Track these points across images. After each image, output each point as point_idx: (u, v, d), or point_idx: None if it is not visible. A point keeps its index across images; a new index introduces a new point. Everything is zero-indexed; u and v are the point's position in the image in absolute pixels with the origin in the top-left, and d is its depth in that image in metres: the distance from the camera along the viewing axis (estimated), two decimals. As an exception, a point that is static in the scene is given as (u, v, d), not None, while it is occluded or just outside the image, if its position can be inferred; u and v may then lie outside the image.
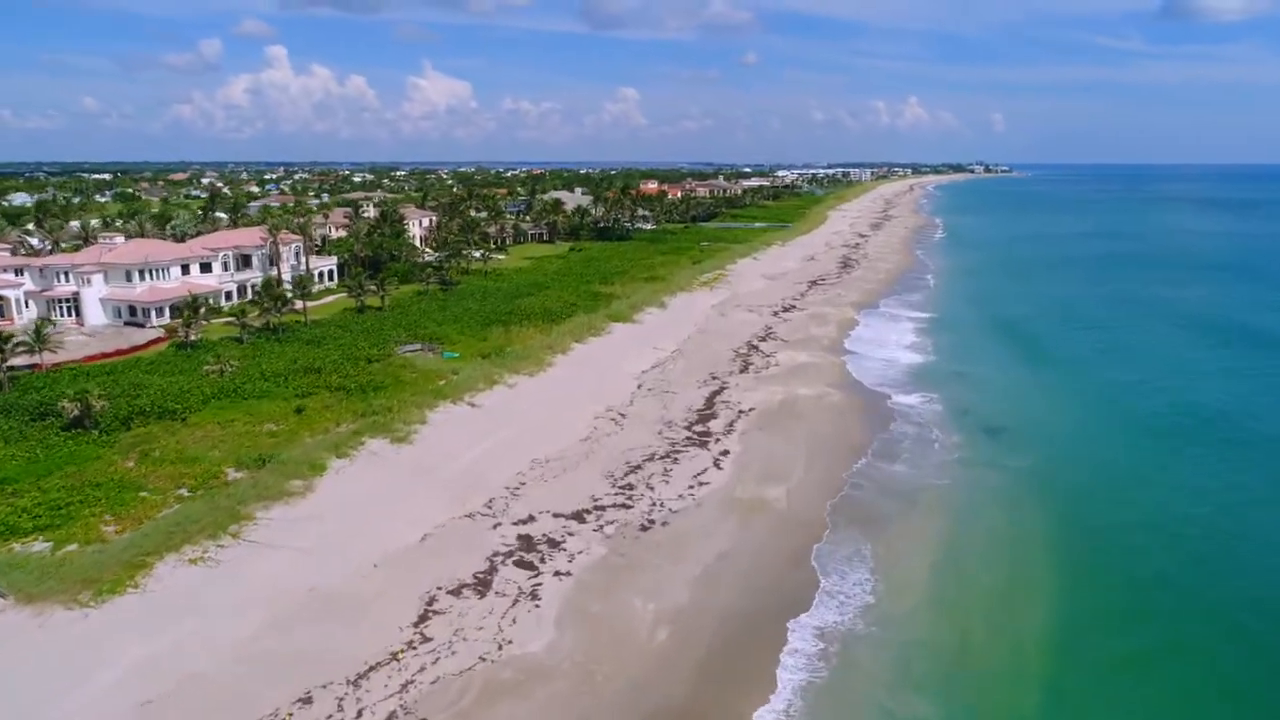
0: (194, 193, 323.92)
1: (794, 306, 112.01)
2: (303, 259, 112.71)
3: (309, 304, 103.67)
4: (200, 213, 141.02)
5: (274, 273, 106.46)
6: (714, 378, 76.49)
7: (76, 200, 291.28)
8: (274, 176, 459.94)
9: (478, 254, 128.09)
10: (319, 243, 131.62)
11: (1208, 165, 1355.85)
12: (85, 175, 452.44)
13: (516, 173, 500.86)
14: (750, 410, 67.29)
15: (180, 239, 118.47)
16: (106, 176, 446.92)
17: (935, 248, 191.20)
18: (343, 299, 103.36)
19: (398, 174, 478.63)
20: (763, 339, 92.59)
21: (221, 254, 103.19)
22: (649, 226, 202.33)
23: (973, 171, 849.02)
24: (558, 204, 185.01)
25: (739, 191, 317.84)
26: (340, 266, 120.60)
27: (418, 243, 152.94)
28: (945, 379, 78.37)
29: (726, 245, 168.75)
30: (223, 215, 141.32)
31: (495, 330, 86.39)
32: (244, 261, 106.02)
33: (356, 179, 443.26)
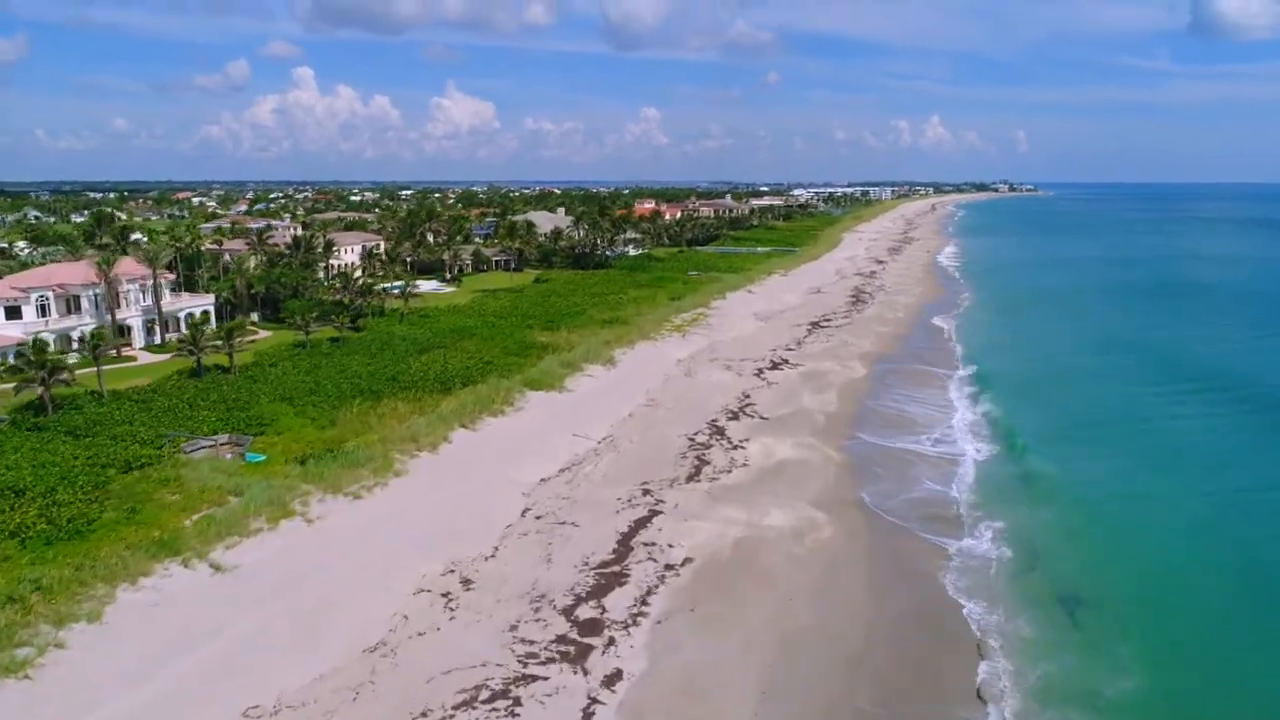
0: (175, 213, 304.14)
1: (786, 361, 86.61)
2: (164, 298, 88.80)
3: (150, 359, 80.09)
4: (82, 238, 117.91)
5: (115, 317, 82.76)
6: (646, 491, 51.31)
7: (52, 220, 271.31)
8: (279, 195, 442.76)
9: (395, 288, 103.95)
10: (219, 275, 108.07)
11: (1238, 184, 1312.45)
12: (86, 194, 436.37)
13: (529, 191, 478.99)
14: (683, 565, 42.05)
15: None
16: (98, 195, 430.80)
17: (963, 276, 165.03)
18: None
19: (404, 193, 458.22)
20: (734, 415, 67.34)
21: (36, 295, 79.48)
22: (634, 251, 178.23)
23: (997, 190, 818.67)
24: (519, 227, 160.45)
25: (746, 211, 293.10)
26: (220, 307, 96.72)
27: (360, 273, 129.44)
28: (990, 494, 52.69)
29: (719, 275, 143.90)
30: (109, 241, 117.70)
31: (355, 408, 61.72)
32: (71, 304, 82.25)
33: (355, 197, 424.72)
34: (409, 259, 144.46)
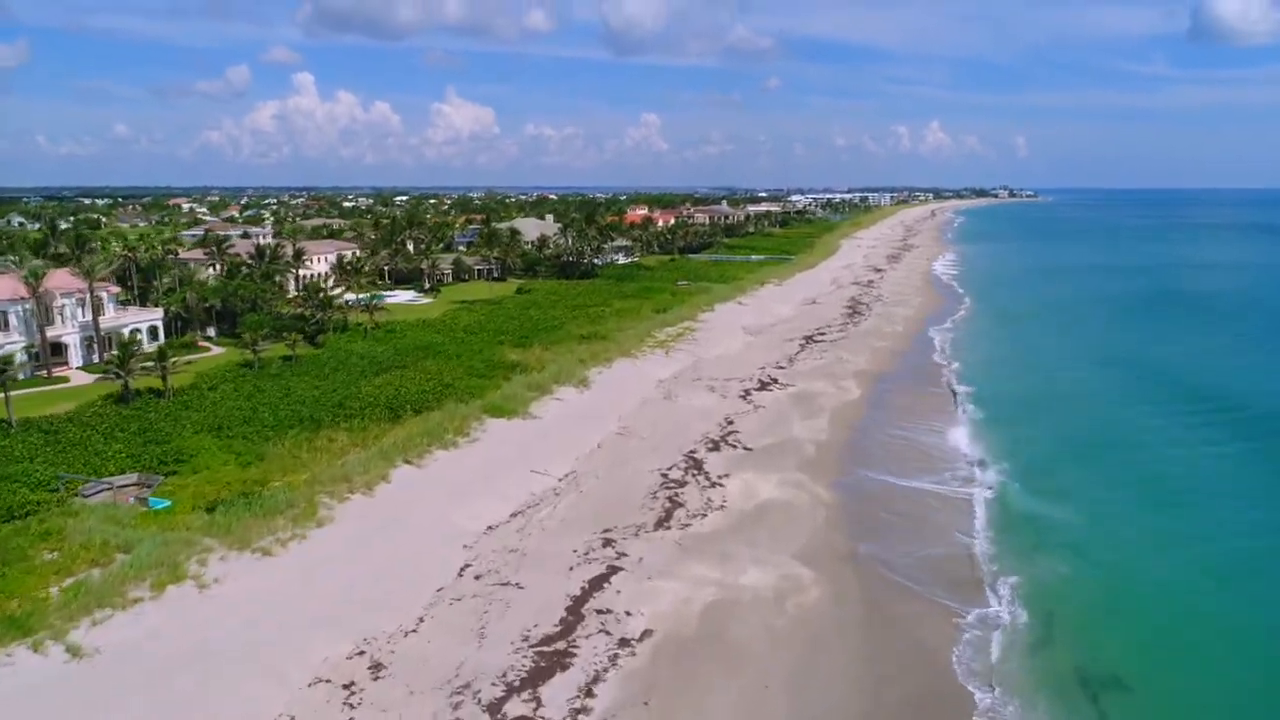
0: (161, 218, 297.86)
1: (775, 380, 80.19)
2: (105, 313, 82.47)
3: (85, 380, 73.69)
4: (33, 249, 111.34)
5: (44, 335, 76.38)
6: (608, 541, 44.82)
7: (36, 227, 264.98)
8: (272, 200, 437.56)
9: (359, 300, 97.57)
10: (175, 287, 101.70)
11: (1238, 189, 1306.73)
12: (78, 200, 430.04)
13: (525, 197, 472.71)
14: (640, 639, 35.54)
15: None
16: (89, 201, 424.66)
17: (963, 286, 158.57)
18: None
19: (399, 199, 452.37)
20: (715, 445, 60.85)
21: (-44, 312, 73.13)
22: (624, 260, 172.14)
23: (996, 196, 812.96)
24: (501, 234, 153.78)
25: (742, 218, 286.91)
26: (171, 322, 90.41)
27: (330, 283, 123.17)
28: (1002, 544, 46.14)
29: (709, 285, 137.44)
30: (64, 250, 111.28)
31: (288, 440, 55.26)
32: (-1, 321, 75.89)
33: (348, 203, 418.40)
34: (386, 268, 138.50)
